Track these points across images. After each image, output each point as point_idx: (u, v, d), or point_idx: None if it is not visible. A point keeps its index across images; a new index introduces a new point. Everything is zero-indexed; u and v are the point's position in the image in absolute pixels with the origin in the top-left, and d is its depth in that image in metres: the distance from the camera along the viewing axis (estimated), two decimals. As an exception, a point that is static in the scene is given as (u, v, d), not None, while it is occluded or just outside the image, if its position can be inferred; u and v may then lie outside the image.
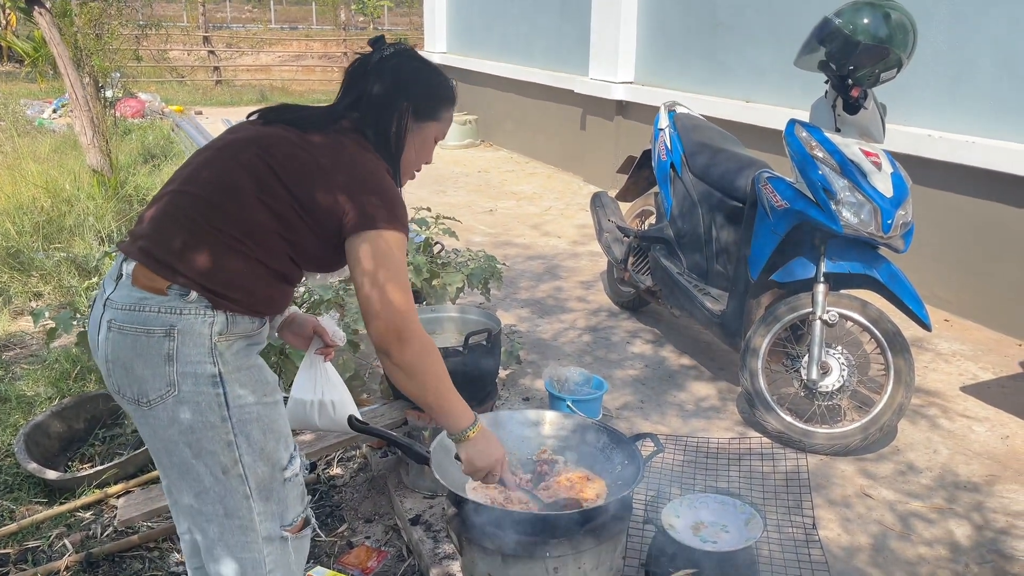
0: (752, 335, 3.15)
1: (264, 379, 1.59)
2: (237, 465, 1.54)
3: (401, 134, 1.70)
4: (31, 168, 6.37)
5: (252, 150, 1.57)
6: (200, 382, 1.49)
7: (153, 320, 1.48)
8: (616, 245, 4.28)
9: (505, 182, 7.93)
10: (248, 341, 1.59)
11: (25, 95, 12.50)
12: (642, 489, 2.58)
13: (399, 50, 1.73)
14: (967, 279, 4.37)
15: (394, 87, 1.68)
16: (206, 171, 1.58)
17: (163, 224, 1.54)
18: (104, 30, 7.74)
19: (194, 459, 1.53)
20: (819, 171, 2.96)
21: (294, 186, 1.54)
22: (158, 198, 1.60)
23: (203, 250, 1.50)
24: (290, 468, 1.64)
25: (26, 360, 3.81)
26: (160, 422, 1.52)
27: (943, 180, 4.38)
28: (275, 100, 14.28)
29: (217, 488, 1.55)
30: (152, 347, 1.48)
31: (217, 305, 1.50)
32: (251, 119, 1.71)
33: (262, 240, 1.54)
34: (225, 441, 1.53)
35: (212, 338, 1.50)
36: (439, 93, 1.75)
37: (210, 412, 1.50)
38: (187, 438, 1.52)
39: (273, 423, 1.60)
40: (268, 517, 1.61)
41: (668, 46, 6.81)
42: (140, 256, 1.52)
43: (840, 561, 2.43)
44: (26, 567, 2.42)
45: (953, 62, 4.35)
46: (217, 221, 1.52)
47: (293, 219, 1.55)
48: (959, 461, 3.00)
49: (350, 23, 22.83)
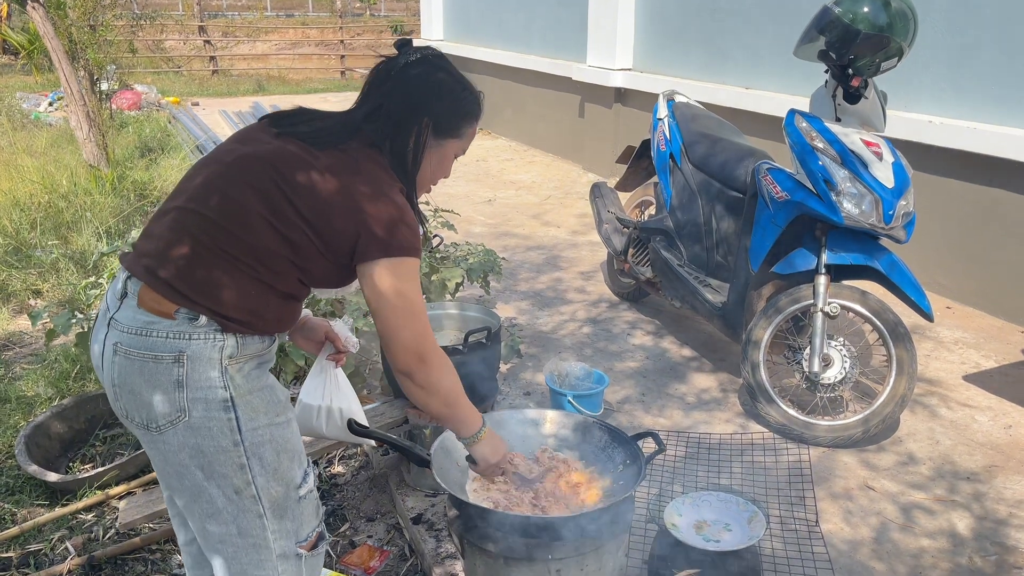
0: (753, 327, 3.14)
1: (276, 399, 1.57)
2: (250, 487, 1.52)
3: (418, 152, 1.63)
4: (28, 163, 6.35)
5: (264, 170, 1.51)
6: (211, 407, 1.46)
7: (161, 346, 1.44)
8: (616, 236, 4.26)
9: (504, 171, 7.90)
10: (259, 361, 1.56)
11: (21, 88, 12.45)
12: (644, 487, 2.58)
13: (425, 57, 1.64)
14: (969, 266, 4.35)
15: (415, 101, 1.60)
16: (214, 189, 1.51)
17: (169, 243, 1.49)
18: (99, 22, 7.68)
19: (206, 481, 1.51)
20: (819, 162, 2.94)
21: (307, 212, 1.49)
22: (163, 213, 1.55)
23: (211, 273, 1.46)
24: (304, 485, 1.62)
25: (25, 360, 3.80)
26: (170, 447, 1.49)
27: (944, 167, 4.35)
28: (272, 89, 14.23)
29: (230, 509, 1.53)
30: (161, 373, 1.44)
31: (227, 328, 1.47)
32: (262, 125, 1.63)
33: (271, 264, 1.50)
34: (238, 464, 1.50)
35: (223, 362, 1.47)
36: (463, 109, 1.67)
37: (222, 436, 1.48)
38: (198, 462, 1.49)
39: (286, 442, 1.57)
40: (283, 535, 1.59)
41: (666, 32, 6.76)
42: (146, 276, 1.47)
43: (843, 555, 2.43)
44: (28, 571, 2.42)
45: (954, 47, 4.32)
46: (225, 244, 1.47)
47: (304, 244, 1.50)
48: (961, 451, 2.99)
49: (347, 10, 22.69)
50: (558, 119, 8.33)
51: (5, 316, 4.26)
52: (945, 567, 2.39)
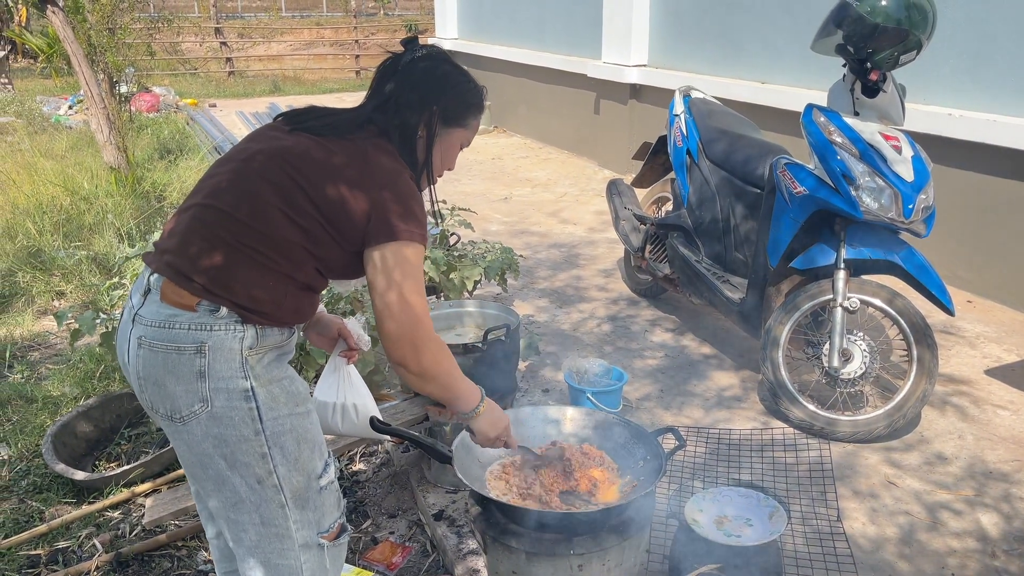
0: (773, 323, 3.13)
1: (296, 390, 1.60)
2: (272, 476, 1.55)
3: (430, 140, 1.69)
4: (49, 166, 6.42)
5: (278, 164, 1.56)
6: (233, 397, 1.50)
7: (183, 337, 1.48)
8: (633, 233, 4.26)
9: (519, 168, 7.90)
10: (278, 352, 1.59)
11: (41, 91, 12.58)
12: (665, 483, 2.58)
13: (431, 52, 1.72)
14: (990, 260, 4.31)
15: (423, 91, 1.67)
16: (231, 185, 1.57)
17: (189, 239, 1.53)
18: (117, 26, 7.75)
19: (229, 471, 1.54)
20: (838, 156, 2.92)
21: (320, 201, 1.54)
22: (183, 210, 1.60)
23: (231, 266, 1.50)
24: (325, 476, 1.65)
25: (51, 360, 3.86)
26: (194, 437, 1.52)
27: (964, 159, 4.31)
28: (288, 90, 14.30)
29: (253, 498, 1.56)
30: (183, 364, 1.48)
31: (247, 319, 1.51)
32: (276, 124, 1.70)
33: (289, 254, 1.54)
34: (259, 453, 1.53)
35: (243, 353, 1.50)
36: (468, 99, 1.73)
37: (244, 426, 1.51)
38: (221, 451, 1.52)
39: (306, 432, 1.60)
40: (304, 525, 1.62)
41: (681, 27, 6.73)
42: (167, 271, 1.52)
43: (867, 553, 2.42)
44: (57, 568, 2.46)
45: (973, 38, 4.28)
46: (244, 236, 1.51)
47: (320, 233, 1.55)
48: (985, 447, 2.97)
49: (361, 10, 22.76)
50: (573, 116, 8.32)
51: (30, 318, 4.32)
52: (970, 565, 2.38)
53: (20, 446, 3.07)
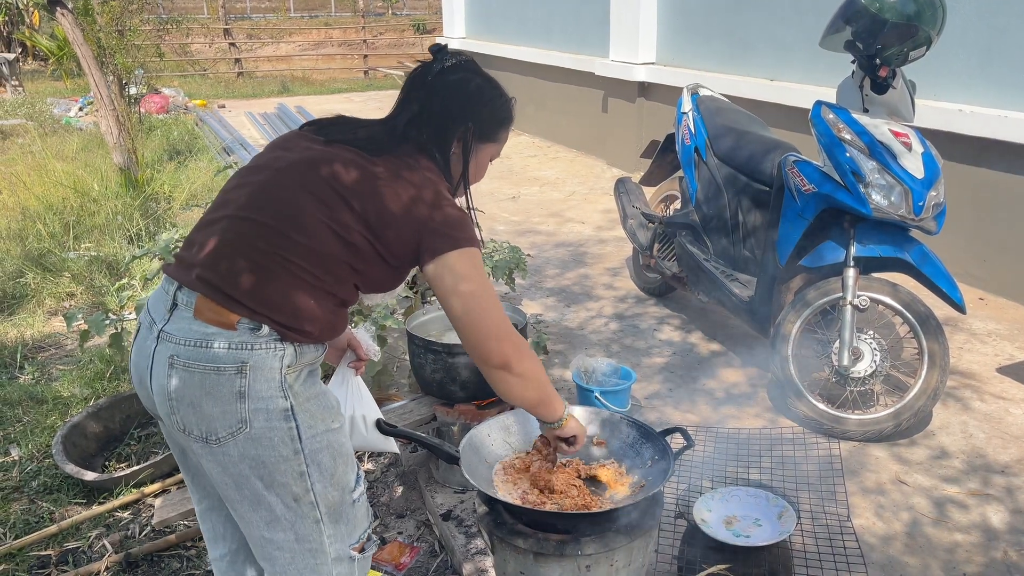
0: (782, 321, 3.11)
1: (329, 404, 1.58)
2: (309, 493, 1.52)
3: (467, 157, 1.67)
4: (59, 168, 6.46)
5: (320, 176, 1.51)
6: (272, 417, 1.46)
7: (223, 357, 1.43)
8: (641, 231, 4.25)
9: (528, 167, 7.90)
10: (310, 369, 1.57)
11: (51, 94, 12.65)
12: (673, 482, 2.57)
13: (461, 63, 1.68)
14: (1002, 256, 4.28)
15: (458, 108, 1.64)
16: (270, 196, 1.51)
17: (226, 253, 1.47)
18: (126, 28, 7.79)
19: (265, 491, 1.50)
20: (847, 153, 2.91)
21: (368, 216, 1.50)
22: (212, 222, 1.53)
23: (273, 282, 1.45)
24: (358, 488, 1.63)
25: (61, 361, 3.87)
26: (230, 458, 1.47)
27: (975, 156, 4.28)
28: (297, 90, 14.33)
29: (288, 516, 1.53)
30: (223, 385, 1.43)
31: (286, 337, 1.47)
32: (304, 132, 1.65)
33: (333, 269, 1.50)
34: (297, 472, 1.50)
35: (282, 371, 1.46)
36: (500, 115, 1.72)
37: (283, 446, 1.47)
38: (259, 472, 1.48)
39: (341, 447, 1.58)
40: (338, 539, 1.60)
41: (689, 25, 6.71)
42: (201, 287, 1.45)
43: (875, 550, 2.41)
44: (67, 568, 2.47)
45: (983, 33, 4.24)
46: (286, 250, 1.46)
47: (365, 248, 1.51)
48: (995, 445, 2.95)
49: (369, 9, 22.79)
50: (581, 114, 8.30)
51: (40, 319, 4.34)
52: (979, 561, 2.36)
53: (31, 447, 3.09)
